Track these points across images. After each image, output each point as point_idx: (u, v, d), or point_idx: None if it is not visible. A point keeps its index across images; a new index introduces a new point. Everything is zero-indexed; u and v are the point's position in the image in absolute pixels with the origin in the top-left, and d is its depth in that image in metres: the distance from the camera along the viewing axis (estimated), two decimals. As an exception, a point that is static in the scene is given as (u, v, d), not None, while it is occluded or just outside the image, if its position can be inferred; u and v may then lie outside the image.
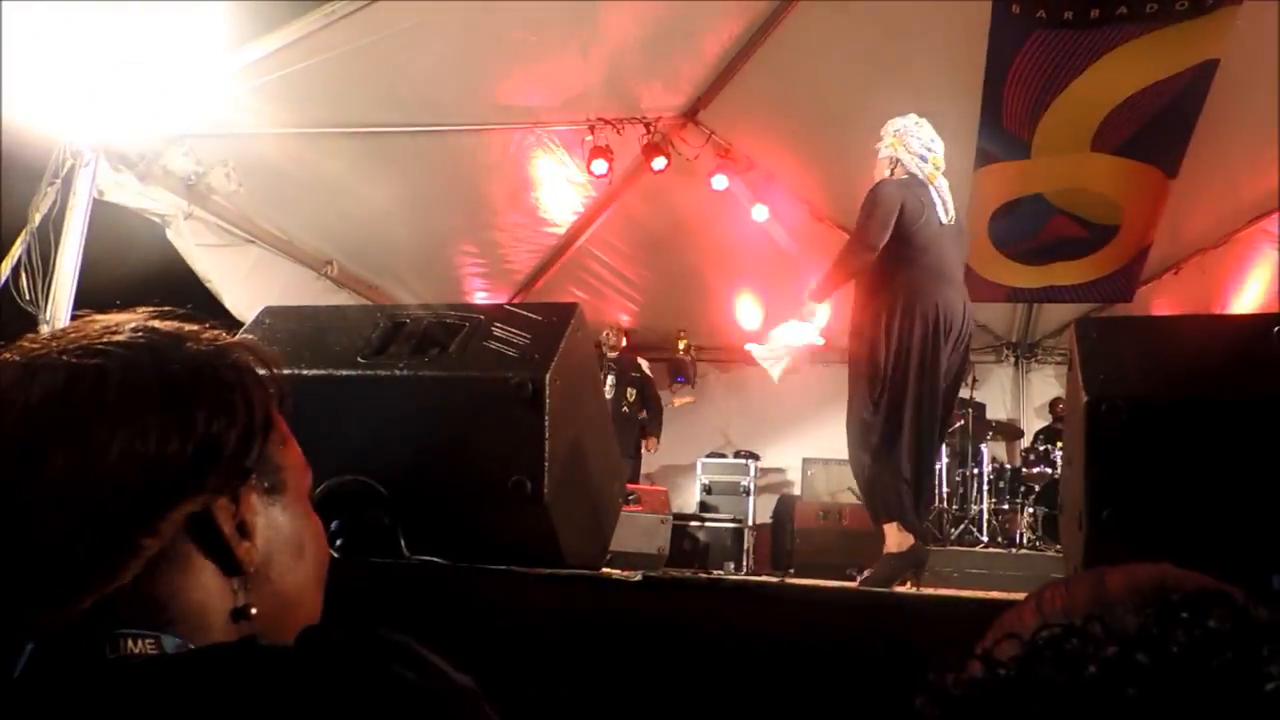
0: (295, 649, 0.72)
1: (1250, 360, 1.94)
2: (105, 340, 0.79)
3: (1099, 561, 0.59)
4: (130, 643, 0.72)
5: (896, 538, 3.44)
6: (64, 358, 0.77)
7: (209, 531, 0.77)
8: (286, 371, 2.25)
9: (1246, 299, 7.06)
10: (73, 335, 0.80)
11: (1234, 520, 1.80)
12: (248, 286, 5.69)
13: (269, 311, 2.42)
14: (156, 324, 0.84)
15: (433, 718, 0.69)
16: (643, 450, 7.90)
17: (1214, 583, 0.50)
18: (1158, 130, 5.93)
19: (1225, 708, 0.40)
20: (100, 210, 4.84)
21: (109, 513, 0.72)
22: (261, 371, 0.87)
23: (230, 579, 0.79)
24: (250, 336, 0.89)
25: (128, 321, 0.83)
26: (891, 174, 4.00)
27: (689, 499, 8.39)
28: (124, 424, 0.74)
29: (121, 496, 0.73)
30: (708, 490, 8.15)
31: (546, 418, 2.06)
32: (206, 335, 0.86)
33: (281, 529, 0.84)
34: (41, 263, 4.50)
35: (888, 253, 3.68)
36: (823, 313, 4.00)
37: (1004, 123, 6.07)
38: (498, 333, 2.22)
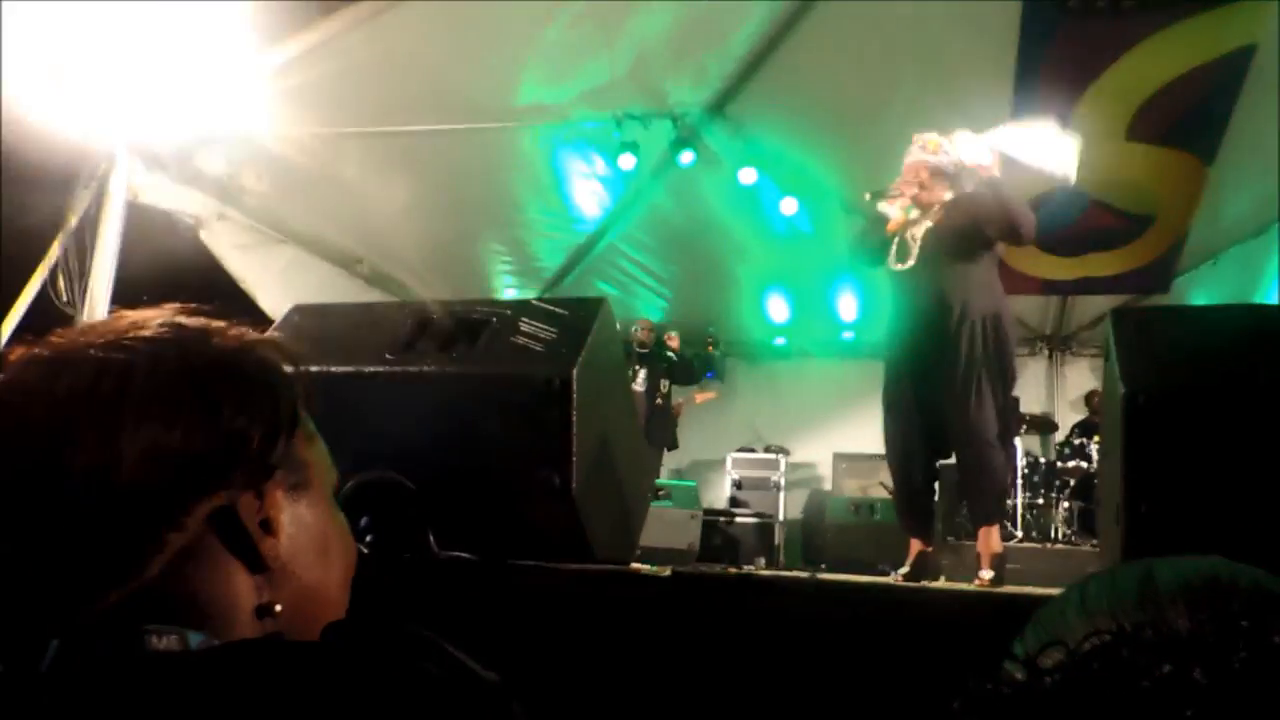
0: (320, 646, 0.72)
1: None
2: (131, 335, 0.79)
3: (1137, 556, 0.57)
4: (155, 639, 0.72)
5: (997, 536, 3.43)
6: (91, 352, 0.77)
7: (233, 527, 0.77)
8: (315, 369, 2.26)
9: (1286, 291, 6.93)
10: (100, 330, 0.80)
11: (1274, 512, 1.75)
12: (281, 286, 5.74)
13: (298, 310, 2.43)
14: (183, 320, 0.84)
15: (460, 716, 0.69)
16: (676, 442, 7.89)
17: (1270, 579, 0.48)
18: (1194, 118, 5.82)
19: None
20: (136, 213, 4.90)
21: (133, 507, 0.72)
22: (288, 368, 0.87)
23: (255, 576, 0.79)
24: (277, 334, 0.89)
25: (155, 318, 0.83)
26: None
27: (719, 494, 8.37)
28: (149, 418, 0.74)
29: (146, 490, 0.73)
30: (738, 485, 8.13)
31: (574, 412, 2.05)
32: (233, 332, 0.85)
33: (307, 526, 0.84)
34: (79, 264, 4.57)
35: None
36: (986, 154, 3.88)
37: (1037, 114, 5.99)
38: (524, 328, 2.21)
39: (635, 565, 2.27)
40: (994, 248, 3.80)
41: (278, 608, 0.80)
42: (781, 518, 7.75)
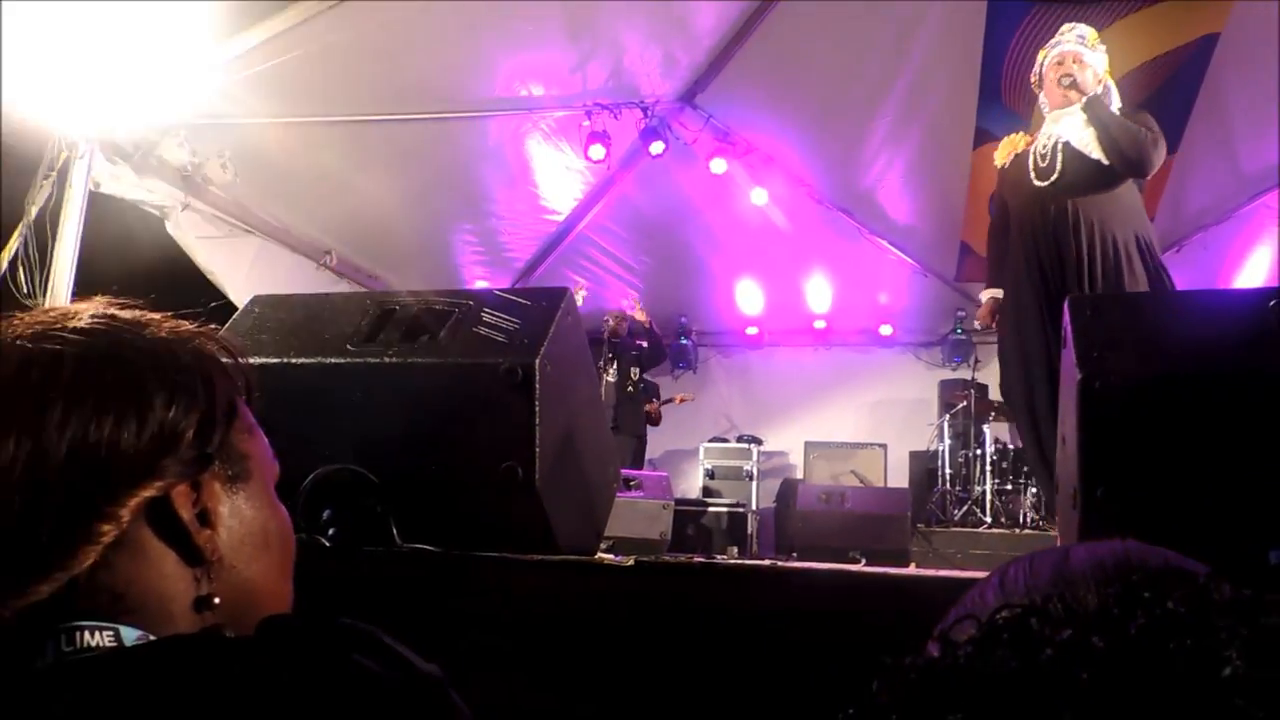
0: (254, 641, 0.71)
1: (1246, 335, 1.92)
2: (62, 326, 0.79)
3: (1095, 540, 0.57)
4: (87, 635, 0.71)
5: None
6: (19, 343, 0.76)
7: (168, 519, 0.76)
8: (275, 360, 2.23)
9: (1249, 275, 7.02)
10: (29, 322, 0.79)
11: (1230, 496, 1.78)
12: (250, 278, 5.69)
13: (258, 300, 2.41)
14: (116, 312, 0.83)
15: (394, 707, 0.68)
16: (647, 432, 7.91)
17: (1180, 559, 0.48)
18: (1157, 106, 5.88)
19: (1180, 693, 0.38)
20: (102, 204, 4.83)
21: (63, 498, 0.71)
22: (226, 360, 0.86)
23: (193, 568, 0.78)
24: (215, 326, 0.88)
25: (88, 309, 0.82)
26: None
27: (692, 484, 8.40)
28: (78, 409, 0.73)
29: (76, 482, 0.72)
30: (711, 475, 8.16)
31: (537, 403, 2.05)
32: (168, 324, 0.85)
33: (246, 518, 0.83)
34: (39, 256, 4.50)
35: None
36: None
37: (1003, 100, 6.04)
38: (488, 318, 2.20)
39: (600, 555, 2.27)
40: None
41: (216, 600, 0.79)
42: (754, 507, 7.78)
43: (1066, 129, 3.63)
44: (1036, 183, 3.63)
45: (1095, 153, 3.54)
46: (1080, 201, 3.52)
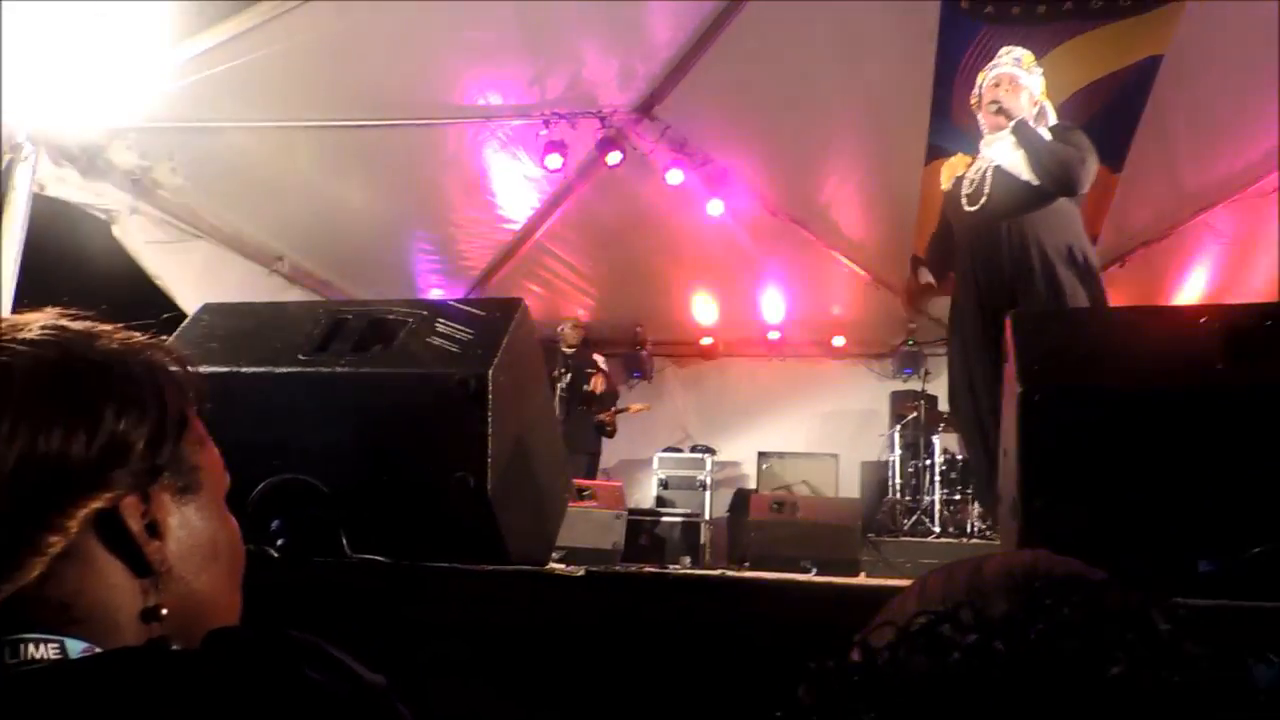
0: (200, 654, 0.72)
1: (1182, 352, 1.98)
2: (11, 338, 0.79)
3: (1033, 549, 0.60)
4: (32, 647, 0.71)
5: None
6: None
7: (116, 530, 0.77)
8: (225, 369, 2.22)
9: (1191, 291, 7.21)
10: (-23, 333, 0.79)
11: (1163, 508, 1.84)
12: (200, 284, 5.62)
13: (207, 309, 2.39)
14: (66, 323, 0.83)
15: (342, 719, 0.69)
16: (601, 443, 7.90)
17: (1084, 568, 0.51)
18: (1103, 125, 6.02)
19: (1071, 692, 0.41)
20: (49, 208, 4.75)
21: (11, 510, 0.71)
22: (177, 371, 0.86)
23: (140, 579, 0.79)
24: (166, 337, 0.88)
25: (37, 320, 0.82)
26: (1037, 119, 3.79)
27: (646, 493, 8.41)
28: (26, 420, 0.73)
29: (24, 494, 0.72)
30: (664, 485, 8.19)
31: (489, 414, 2.05)
32: (119, 335, 0.85)
33: (195, 529, 0.83)
34: (-19, 259, 4.42)
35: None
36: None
37: (954, 117, 6.15)
38: (441, 329, 2.21)
39: (551, 565, 2.28)
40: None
41: (164, 611, 0.80)
42: (708, 516, 7.82)
43: (998, 152, 3.76)
44: (967, 208, 3.76)
45: (1025, 174, 3.66)
46: (1012, 221, 3.64)
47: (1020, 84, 3.77)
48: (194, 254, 5.79)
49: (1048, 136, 3.71)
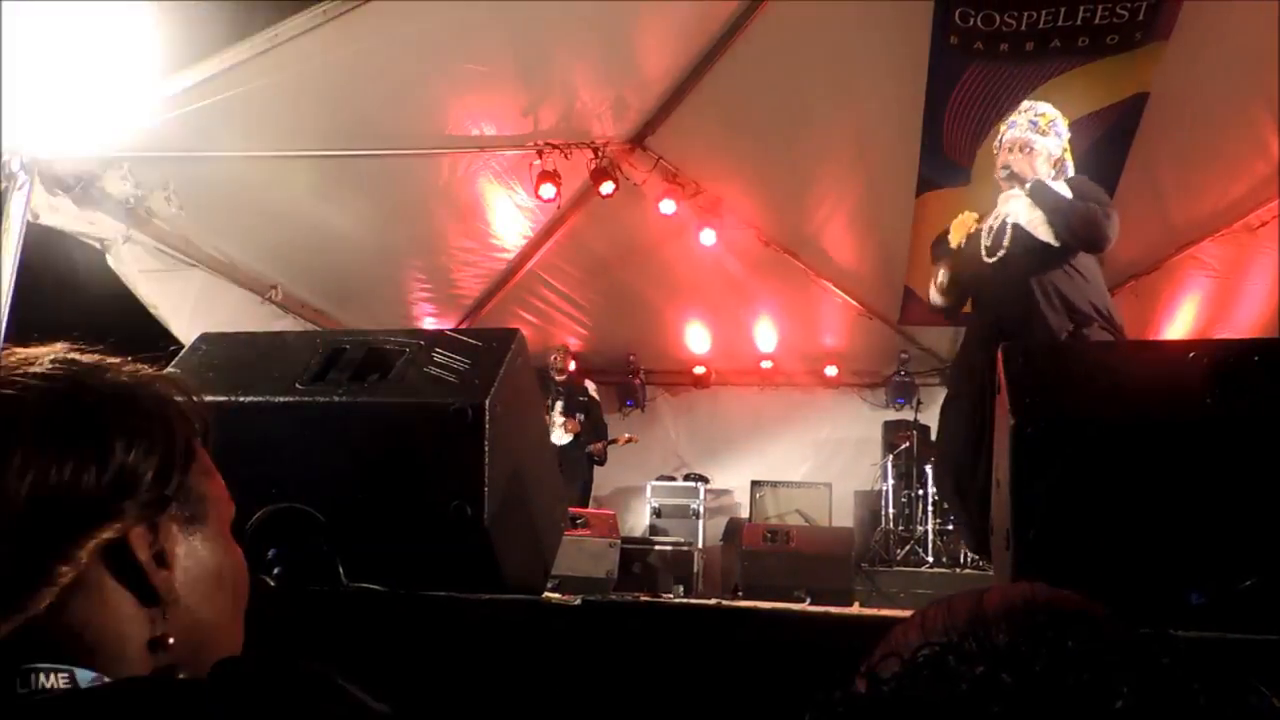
0: (210, 681, 0.73)
1: (1172, 386, 2.01)
2: (22, 372, 0.80)
3: (1027, 580, 0.61)
4: (43, 677, 0.72)
5: None
6: None
7: (125, 560, 0.78)
8: (223, 399, 2.22)
9: (1179, 324, 7.26)
10: (-10, 367, 0.80)
11: (1154, 540, 1.85)
12: (194, 313, 5.63)
13: (205, 338, 2.40)
14: (76, 356, 0.84)
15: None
16: (594, 471, 7.89)
17: (1085, 601, 0.53)
18: (1092, 161, 6.09)
19: None
20: (43, 236, 4.76)
21: (22, 541, 0.72)
22: (180, 399, 0.87)
23: (148, 609, 0.79)
24: (173, 370, 0.90)
25: (47, 353, 0.84)
26: (1056, 175, 3.78)
27: (639, 522, 8.40)
28: (38, 453, 0.74)
29: (35, 525, 0.73)
30: (657, 513, 8.17)
31: (486, 443, 2.06)
32: (128, 367, 0.86)
33: (202, 559, 0.84)
34: (-26, 287, 4.41)
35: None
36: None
37: (945, 150, 6.22)
38: (438, 358, 2.22)
39: (547, 595, 2.28)
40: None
41: (170, 640, 0.80)
42: (700, 545, 7.81)
43: (1015, 210, 3.74)
44: (986, 259, 3.74)
45: (1043, 234, 3.63)
46: (1031, 276, 3.61)
47: (1035, 149, 3.74)
48: (188, 282, 5.80)
49: (1067, 192, 3.67)
